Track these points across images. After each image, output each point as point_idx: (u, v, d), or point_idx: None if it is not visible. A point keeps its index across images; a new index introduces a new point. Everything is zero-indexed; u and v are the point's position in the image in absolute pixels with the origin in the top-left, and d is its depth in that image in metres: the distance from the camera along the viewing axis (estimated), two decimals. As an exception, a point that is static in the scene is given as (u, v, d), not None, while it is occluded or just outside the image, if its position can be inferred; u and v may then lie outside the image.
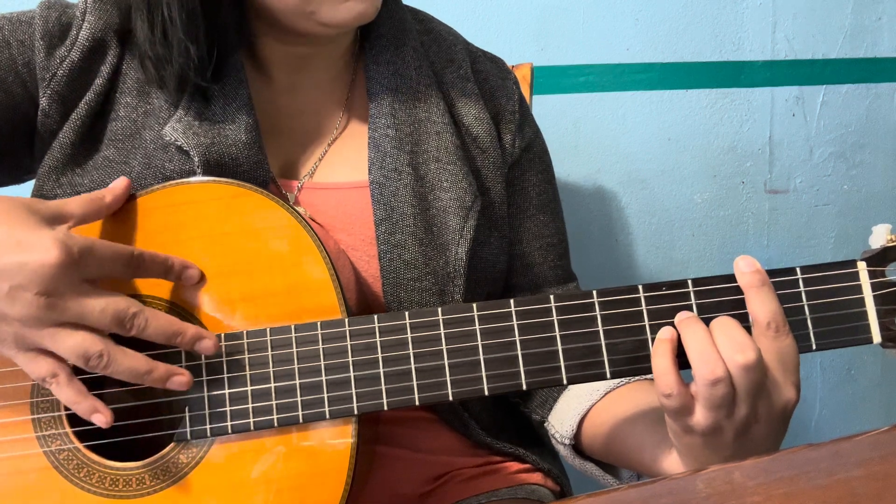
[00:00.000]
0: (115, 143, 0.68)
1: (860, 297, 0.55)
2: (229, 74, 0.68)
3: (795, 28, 1.36)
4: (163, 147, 0.66)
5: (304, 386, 0.57)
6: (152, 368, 0.54)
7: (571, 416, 0.72)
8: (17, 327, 0.51)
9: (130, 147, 0.67)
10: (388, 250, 0.68)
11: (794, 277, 0.56)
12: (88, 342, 0.52)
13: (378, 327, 0.57)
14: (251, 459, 0.57)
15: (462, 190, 0.70)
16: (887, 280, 0.55)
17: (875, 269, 0.56)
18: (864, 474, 0.48)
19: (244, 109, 0.67)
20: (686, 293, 0.56)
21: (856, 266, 0.56)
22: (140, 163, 0.66)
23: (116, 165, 0.67)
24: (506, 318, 0.56)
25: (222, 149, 0.65)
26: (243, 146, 0.66)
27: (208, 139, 0.65)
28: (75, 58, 0.67)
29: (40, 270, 0.49)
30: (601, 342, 0.56)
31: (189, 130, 0.65)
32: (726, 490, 0.47)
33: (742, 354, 0.52)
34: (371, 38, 0.74)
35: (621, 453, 0.67)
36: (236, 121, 0.67)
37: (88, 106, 0.67)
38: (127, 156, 0.67)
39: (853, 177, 1.45)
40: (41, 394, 0.59)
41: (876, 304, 0.55)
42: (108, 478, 0.58)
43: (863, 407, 1.54)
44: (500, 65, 0.81)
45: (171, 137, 0.65)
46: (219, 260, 0.59)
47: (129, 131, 0.68)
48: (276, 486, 0.57)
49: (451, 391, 0.56)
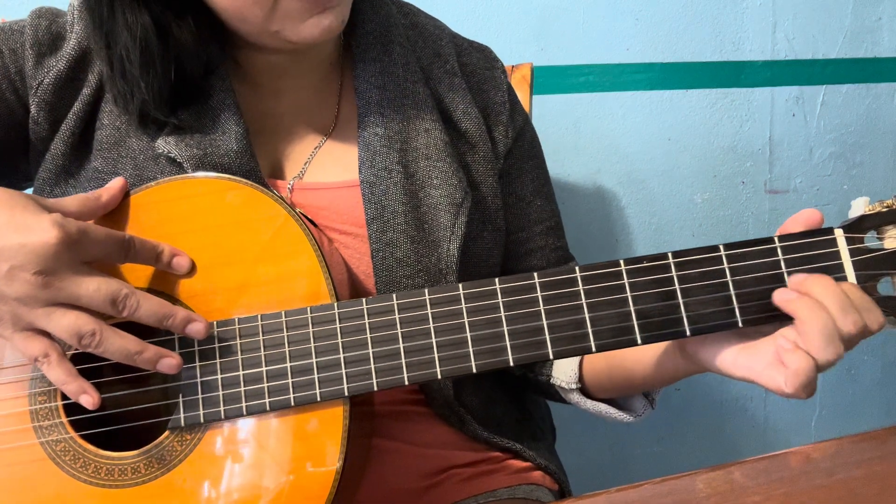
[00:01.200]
0: (101, 152, 0.68)
1: (839, 263, 0.56)
2: (214, 85, 0.68)
3: (795, 28, 1.36)
4: (153, 158, 0.67)
5: (295, 369, 0.58)
6: (143, 349, 0.55)
7: (571, 360, 0.74)
8: (14, 306, 0.53)
9: (117, 156, 0.68)
10: (381, 248, 0.68)
11: (772, 246, 0.56)
12: (82, 321, 0.53)
13: (366, 309, 0.58)
14: (244, 445, 0.58)
15: (452, 186, 0.71)
16: (865, 247, 0.56)
17: (853, 236, 0.56)
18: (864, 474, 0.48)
19: (233, 119, 0.68)
20: (667, 265, 0.56)
21: (833, 233, 0.56)
22: (131, 174, 0.67)
23: (106, 176, 0.67)
24: (491, 296, 0.57)
25: (214, 159, 0.66)
26: (235, 155, 0.67)
27: (200, 150, 0.66)
28: (62, 67, 0.68)
29: (39, 250, 0.51)
30: (585, 316, 0.56)
31: (181, 143, 0.66)
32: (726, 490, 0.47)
33: (854, 324, 0.52)
34: (357, 35, 0.74)
35: (623, 375, 0.69)
36: (227, 131, 0.67)
37: (77, 116, 0.68)
38: (115, 165, 0.68)
39: (853, 177, 1.45)
40: (39, 384, 0.60)
41: (856, 270, 0.56)
42: (103, 468, 0.58)
43: (863, 407, 1.54)
44: (486, 54, 0.81)
45: (164, 150, 0.66)
46: (212, 251, 0.60)
47: (113, 139, 0.68)
48: (269, 470, 0.57)
49: (440, 369, 0.57)
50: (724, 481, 0.48)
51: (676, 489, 0.48)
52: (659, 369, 0.65)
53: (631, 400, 0.74)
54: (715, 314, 0.56)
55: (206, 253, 0.60)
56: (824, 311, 0.52)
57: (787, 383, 0.51)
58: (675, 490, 0.48)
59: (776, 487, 0.47)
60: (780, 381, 0.52)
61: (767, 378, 0.53)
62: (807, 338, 0.52)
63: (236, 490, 0.57)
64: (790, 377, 0.51)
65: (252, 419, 0.58)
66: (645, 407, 0.73)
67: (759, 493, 0.47)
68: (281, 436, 0.58)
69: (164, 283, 0.60)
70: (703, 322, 0.56)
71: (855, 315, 0.52)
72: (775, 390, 0.53)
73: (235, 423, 0.58)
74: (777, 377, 0.52)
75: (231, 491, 0.57)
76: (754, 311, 0.55)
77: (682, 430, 1.46)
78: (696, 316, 0.56)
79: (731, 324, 0.56)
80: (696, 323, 0.56)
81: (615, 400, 0.74)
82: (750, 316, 0.56)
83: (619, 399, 0.75)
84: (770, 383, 0.53)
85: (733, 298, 0.56)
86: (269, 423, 0.58)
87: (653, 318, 0.56)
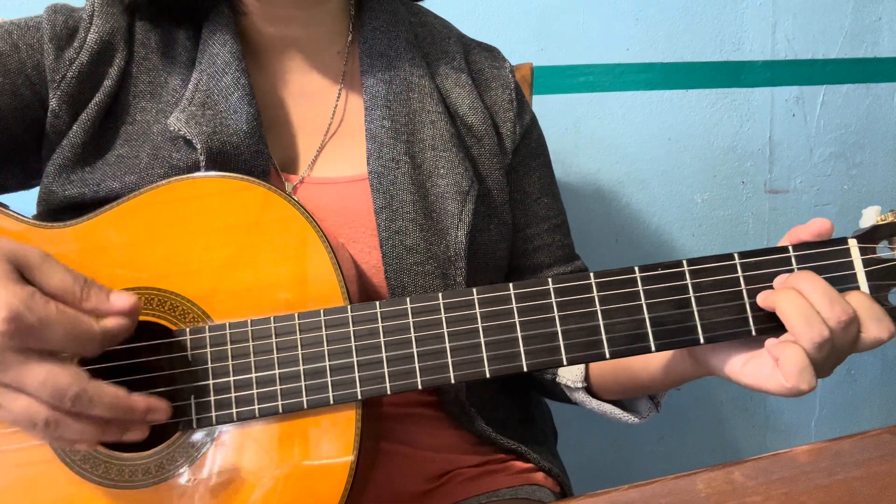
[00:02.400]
0: (129, 143, 0.69)
1: (852, 273, 0.56)
2: (231, 64, 0.69)
3: (795, 28, 1.36)
4: (170, 139, 0.68)
5: (308, 372, 0.57)
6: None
7: None
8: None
9: (142, 143, 0.69)
10: (390, 237, 0.69)
11: (786, 255, 0.56)
12: (34, 408, 0.48)
13: (380, 312, 0.57)
14: (257, 446, 0.58)
15: (458, 175, 0.71)
16: (878, 257, 0.56)
17: (866, 246, 0.56)
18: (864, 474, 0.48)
19: (246, 99, 0.68)
20: (682, 272, 0.56)
21: (846, 243, 0.56)
22: (148, 154, 0.68)
23: (127, 160, 0.68)
24: (505, 301, 0.57)
25: (224, 137, 0.67)
26: (244, 135, 0.67)
27: (210, 128, 0.67)
28: (84, 60, 0.68)
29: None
30: (600, 322, 0.56)
31: (192, 120, 0.67)
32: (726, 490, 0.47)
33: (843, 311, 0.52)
34: (364, 30, 0.75)
35: (629, 377, 0.69)
36: (238, 110, 0.68)
37: (98, 107, 0.68)
38: (138, 151, 0.68)
39: (853, 177, 1.45)
40: None
41: (868, 280, 0.56)
42: (113, 468, 0.58)
43: (863, 407, 1.54)
44: (494, 54, 0.82)
45: (175, 127, 0.67)
46: (224, 252, 0.60)
47: (142, 130, 0.69)
48: (281, 471, 0.57)
49: (453, 374, 0.56)
50: (724, 481, 0.48)
51: (676, 489, 0.48)
52: (667, 373, 0.65)
53: (636, 401, 0.74)
54: (729, 322, 0.56)
55: (217, 254, 0.60)
56: (799, 296, 0.53)
57: (785, 377, 0.52)
58: (675, 490, 0.48)
59: (776, 487, 0.47)
60: (780, 379, 0.52)
61: (772, 382, 0.53)
62: (789, 325, 0.53)
63: (248, 490, 0.57)
64: (783, 368, 0.52)
65: (264, 421, 0.58)
66: (650, 409, 0.73)
67: (759, 493, 0.47)
68: (293, 438, 0.57)
69: (173, 284, 0.59)
70: (718, 330, 0.56)
71: (843, 304, 0.52)
72: (779, 391, 0.53)
73: (247, 425, 0.58)
74: (777, 377, 0.52)
75: (243, 491, 0.57)
76: (768, 319, 0.56)
77: (682, 430, 1.47)
78: (710, 324, 0.56)
79: (744, 332, 0.56)
80: (711, 331, 0.56)
81: (620, 401, 0.75)
82: (764, 325, 0.56)
83: (625, 400, 0.75)
84: (774, 386, 0.53)
85: (747, 307, 0.56)
86: (282, 426, 0.58)
87: (667, 325, 0.56)
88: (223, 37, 0.70)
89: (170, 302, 0.59)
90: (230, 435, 0.58)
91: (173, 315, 0.59)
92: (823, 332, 0.51)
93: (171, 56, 0.71)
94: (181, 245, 0.60)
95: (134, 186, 0.65)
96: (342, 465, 0.57)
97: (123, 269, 0.59)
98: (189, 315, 0.59)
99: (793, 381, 0.51)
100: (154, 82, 0.70)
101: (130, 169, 0.67)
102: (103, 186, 0.66)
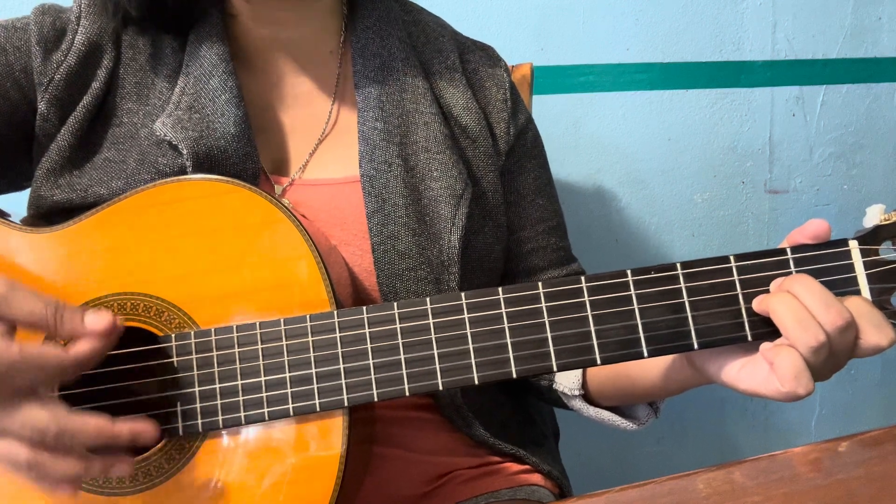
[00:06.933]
0: (115, 145, 0.68)
1: (853, 276, 0.54)
2: (218, 67, 0.68)
3: (795, 28, 1.36)
4: (156, 143, 0.67)
5: (294, 379, 0.56)
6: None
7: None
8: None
9: (129, 147, 0.68)
10: (382, 241, 0.68)
11: (784, 258, 0.55)
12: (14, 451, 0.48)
13: (367, 318, 0.56)
14: (242, 454, 0.57)
15: (452, 178, 0.70)
16: (880, 259, 0.54)
17: (867, 247, 0.54)
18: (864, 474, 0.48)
19: (234, 102, 0.68)
20: (675, 276, 0.55)
21: (847, 245, 0.55)
22: (135, 159, 0.67)
23: (115, 164, 0.67)
24: (494, 306, 0.56)
25: (210, 141, 0.66)
26: (232, 139, 0.66)
27: (196, 132, 0.66)
28: (72, 62, 0.68)
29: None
30: (591, 328, 0.55)
31: (178, 125, 0.66)
32: (726, 490, 0.47)
33: (839, 315, 0.50)
34: (357, 30, 0.74)
35: (627, 384, 0.68)
36: (225, 113, 0.67)
37: (86, 109, 0.68)
38: (125, 155, 0.68)
39: (853, 177, 1.45)
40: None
41: (869, 283, 0.54)
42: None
43: (863, 407, 1.54)
44: (489, 53, 0.81)
45: (161, 132, 0.66)
46: (209, 256, 0.59)
47: (129, 133, 0.69)
48: (268, 479, 0.57)
49: (441, 380, 0.55)
50: (724, 481, 0.48)
51: (676, 489, 0.48)
52: (665, 380, 0.64)
53: (634, 408, 0.73)
54: (724, 328, 0.54)
55: (202, 258, 0.59)
56: (794, 299, 0.51)
57: (780, 382, 0.50)
58: (675, 490, 0.48)
59: (776, 487, 0.47)
60: (776, 384, 0.51)
61: (768, 386, 0.52)
62: (783, 329, 0.51)
63: (236, 496, 0.57)
64: (778, 373, 0.50)
65: (251, 428, 0.57)
66: (649, 415, 0.72)
67: (759, 493, 0.47)
68: (280, 445, 0.57)
69: (158, 288, 0.59)
70: (712, 336, 0.54)
71: (840, 308, 0.51)
72: (776, 395, 0.52)
73: (234, 432, 0.57)
74: (773, 382, 0.51)
75: (231, 497, 0.57)
76: (764, 324, 0.54)
77: (682, 430, 1.46)
78: (704, 329, 0.54)
79: (740, 337, 0.54)
80: (705, 336, 0.54)
81: (619, 407, 0.74)
82: (760, 330, 0.54)
83: (623, 407, 0.74)
84: (771, 391, 0.52)
85: (743, 311, 0.54)
86: (268, 432, 0.57)
87: (660, 330, 0.55)
88: (211, 40, 0.69)
89: (155, 307, 0.59)
90: (216, 442, 0.57)
91: (159, 320, 0.58)
92: (819, 337, 0.50)
93: (158, 58, 0.70)
94: (166, 249, 0.59)
95: (121, 192, 0.64)
96: (329, 472, 0.56)
97: (109, 273, 0.59)
98: (175, 320, 0.58)
99: (788, 385, 0.50)
100: (141, 83, 0.69)
101: (118, 174, 0.66)
102: (91, 192, 0.66)
